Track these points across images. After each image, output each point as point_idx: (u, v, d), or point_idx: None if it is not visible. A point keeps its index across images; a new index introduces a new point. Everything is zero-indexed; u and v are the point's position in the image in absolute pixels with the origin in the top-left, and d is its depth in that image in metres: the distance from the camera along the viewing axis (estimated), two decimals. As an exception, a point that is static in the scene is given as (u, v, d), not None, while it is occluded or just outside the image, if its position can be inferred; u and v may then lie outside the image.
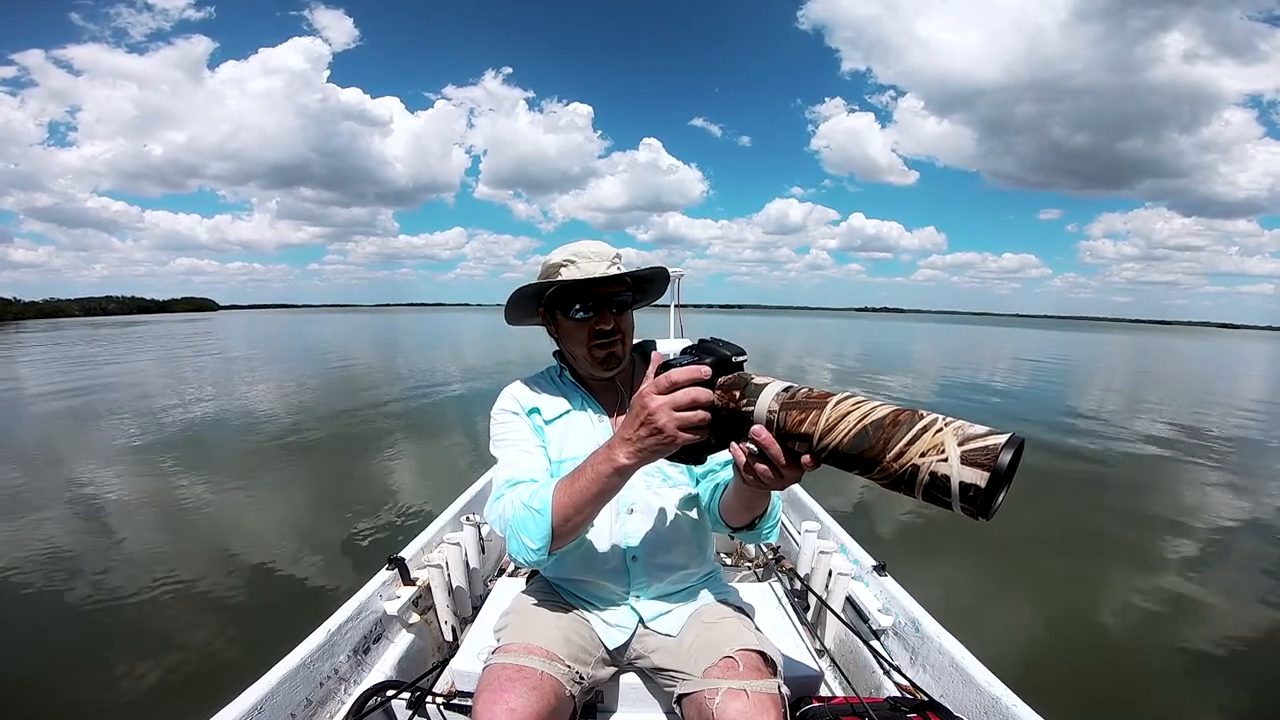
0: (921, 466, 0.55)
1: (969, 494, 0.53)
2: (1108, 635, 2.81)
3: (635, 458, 0.78)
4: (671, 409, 0.71)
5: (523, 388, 1.15)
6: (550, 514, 0.87)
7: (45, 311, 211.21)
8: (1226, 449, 6.91)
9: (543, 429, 1.10)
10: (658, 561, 1.09)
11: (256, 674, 1.10)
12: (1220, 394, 12.74)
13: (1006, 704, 1.07)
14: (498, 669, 0.90)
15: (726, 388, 0.71)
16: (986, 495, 0.52)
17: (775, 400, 0.67)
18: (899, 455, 0.57)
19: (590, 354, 1.06)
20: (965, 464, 0.53)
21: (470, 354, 19.54)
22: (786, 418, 0.65)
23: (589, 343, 1.05)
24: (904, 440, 0.57)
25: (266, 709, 1.05)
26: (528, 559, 0.91)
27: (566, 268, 1.04)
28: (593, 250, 1.05)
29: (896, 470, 0.57)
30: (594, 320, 1.04)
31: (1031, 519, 4.42)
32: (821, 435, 0.62)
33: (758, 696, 0.86)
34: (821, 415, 0.63)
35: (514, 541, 0.92)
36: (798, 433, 0.64)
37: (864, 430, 0.59)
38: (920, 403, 6.79)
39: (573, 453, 1.05)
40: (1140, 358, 26.17)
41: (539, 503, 0.89)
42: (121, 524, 4.06)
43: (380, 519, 4.09)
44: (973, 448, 0.53)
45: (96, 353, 21.13)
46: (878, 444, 0.58)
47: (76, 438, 6.91)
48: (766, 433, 0.67)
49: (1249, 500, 4.94)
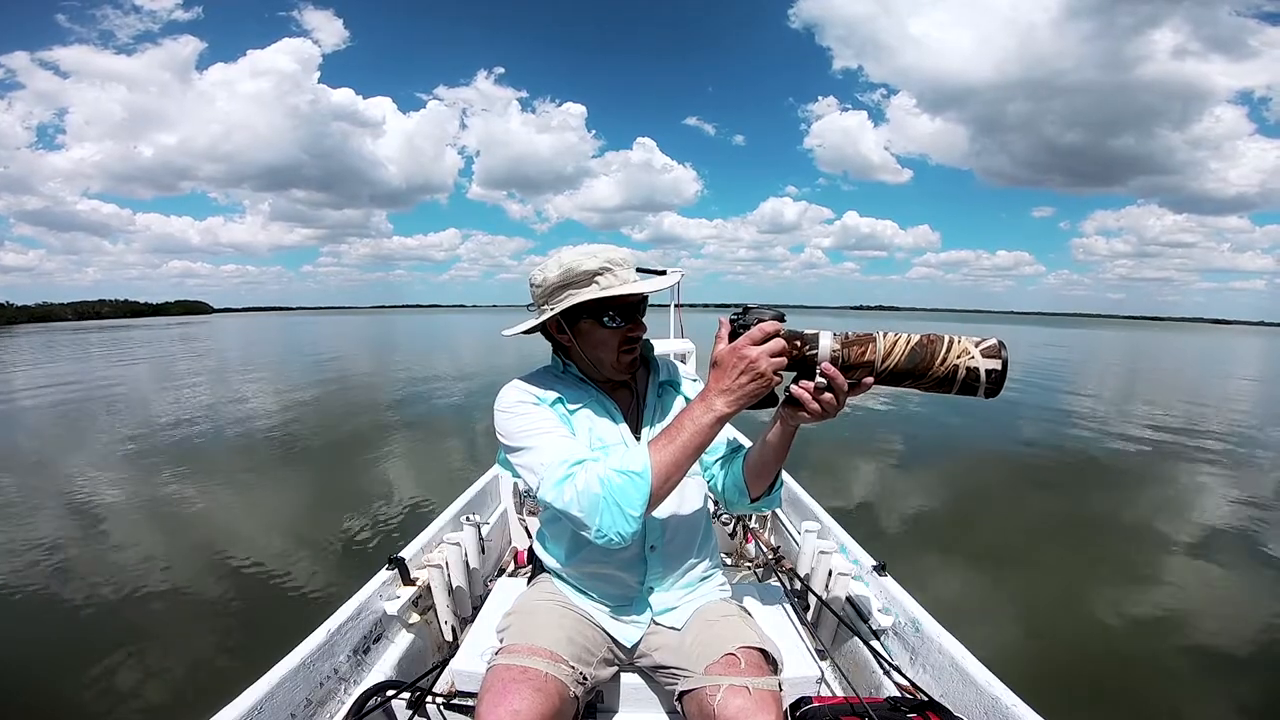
0: (960, 366, 0.78)
1: (992, 378, 0.78)
2: (1107, 634, 2.82)
3: (735, 404, 0.85)
4: (769, 355, 0.83)
5: (532, 381, 1.10)
6: (650, 476, 0.86)
7: (37, 315, 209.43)
8: (1223, 445, 6.94)
9: (568, 417, 1.06)
10: (673, 550, 1.11)
11: (257, 674, 1.09)
12: (1214, 388, 12.79)
13: (1006, 704, 1.07)
14: (501, 670, 0.90)
15: (788, 338, 0.86)
16: (1002, 376, 0.78)
17: (835, 340, 0.84)
18: (943, 362, 0.79)
19: (619, 359, 1.07)
20: (986, 356, 0.78)
21: (468, 355, 19.52)
22: (849, 353, 0.83)
23: (620, 349, 1.06)
24: (944, 352, 0.79)
25: (266, 709, 1.05)
26: (622, 530, 0.87)
27: (604, 275, 1.01)
28: (620, 257, 1.04)
29: (942, 373, 0.79)
30: (628, 328, 1.05)
31: (1031, 518, 4.45)
32: (882, 359, 0.82)
33: (759, 694, 0.87)
34: (878, 346, 0.82)
35: (608, 514, 0.86)
36: (861, 362, 0.83)
37: (914, 350, 0.80)
38: (915, 401, 6.79)
39: (601, 439, 1.06)
40: (1135, 354, 26.24)
41: (638, 465, 0.86)
42: (122, 526, 4.04)
43: (380, 519, 4.09)
44: (985, 347, 0.78)
45: (93, 355, 21.03)
46: (926, 358, 0.80)
47: (75, 442, 6.88)
48: (833, 368, 0.83)
49: (1247, 496, 4.97)
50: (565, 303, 1.00)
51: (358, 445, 6.36)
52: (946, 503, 4.74)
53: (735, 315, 0.89)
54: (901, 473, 5.58)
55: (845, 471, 5.48)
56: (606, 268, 1.02)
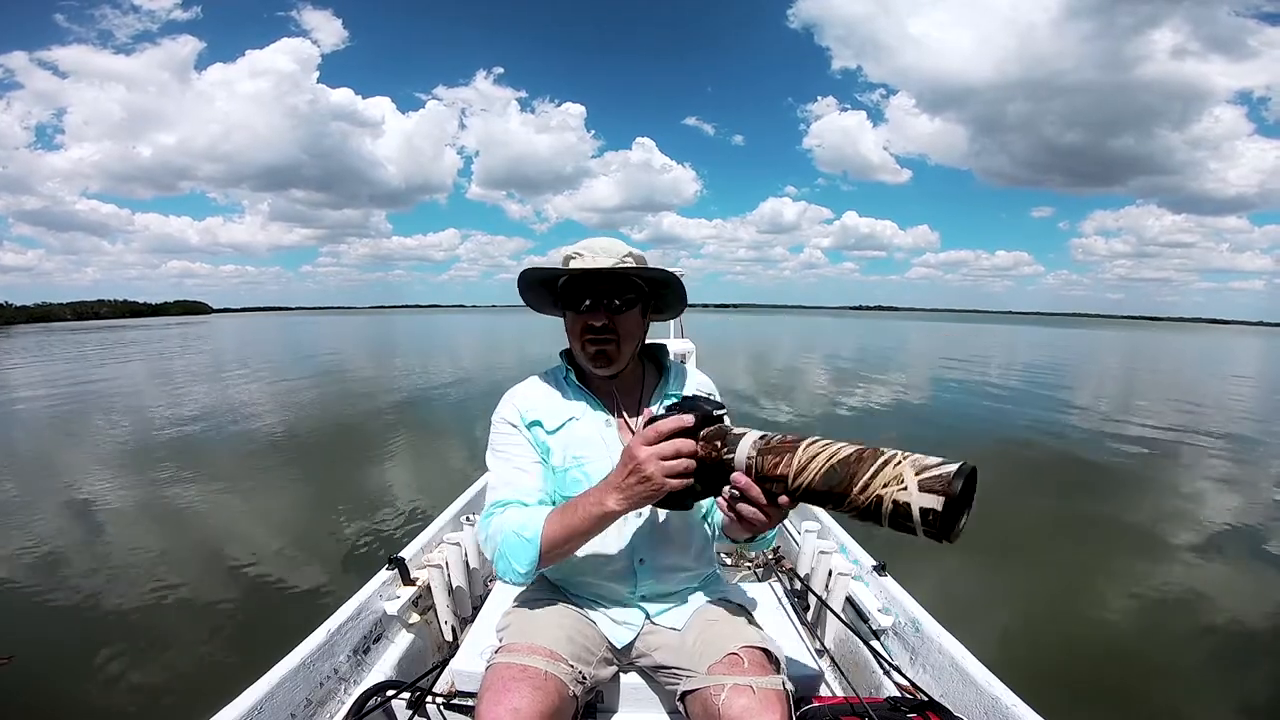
0: (885, 497, 0.62)
1: (929, 518, 0.59)
2: (1107, 634, 2.82)
3: (624, 504, 0.83)
4: (658, 459, 0.77)
5: (526, 394, 1.13)
6: (539, 544, 0.92)
7: (36, 315, 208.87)
8: (1221, 443, 6.96)
9: (545, 441, 1.08)
10: (664, 564, 1.09)
11: (257, 674, 1.09)
12: (1214, 388, 12.80)
13: (1006, 704, 1.07)
14: (501, 669, 0.90)
15: (709, 438, 0.78)
16: (945, 518, 0.58)
17: (753, 447, 0.73)
18: (864, 488, 0.63)
19: (583, 348, 1.06)
20: (923, 491, 0.59)
21: (467, 355, 19.52)
22: (764, 462, 0.72)
23: (582, 336, 1.05)
24: (868, 475, 0.63)
25: (266, 709, 1.05)
26: (513, 580, 0.96)
27: (575, 259, 1.03)
28: (602, 245, 1.04)
29: (863, 502, 0.63)
30: (584, 315, 1.03)
31: (1031, 518, 4.44)
32: (795, 476, 0.69)
33: (763, 693, 0.86)
34: (794, 458, 0.69)
35: (501, 563, 0.96)
36: (774, 475, 0.71)
37: (832, 469, 0.66)
38: (916, 401, 6.80)
39: (579, 456, 1.05)
40: (1134, 354, 26.27)
41: (530, 532, 0.93)
42: (120, 526, 4.04)
43: (380, 519, 4.09)
44: (928, 476, 0.60)
45: (90, 356, 21.02)
46: (845, 480, 0.65)
47: (74, 443, 6.88)
48: (745, 478, 0.73)
49: (1245, 494, 4.98)
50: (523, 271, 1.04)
51: (358, 445, 6.36)
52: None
53: (674, 403, 0.85)
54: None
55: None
56: (580, 253, 1.03)
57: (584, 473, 1.04)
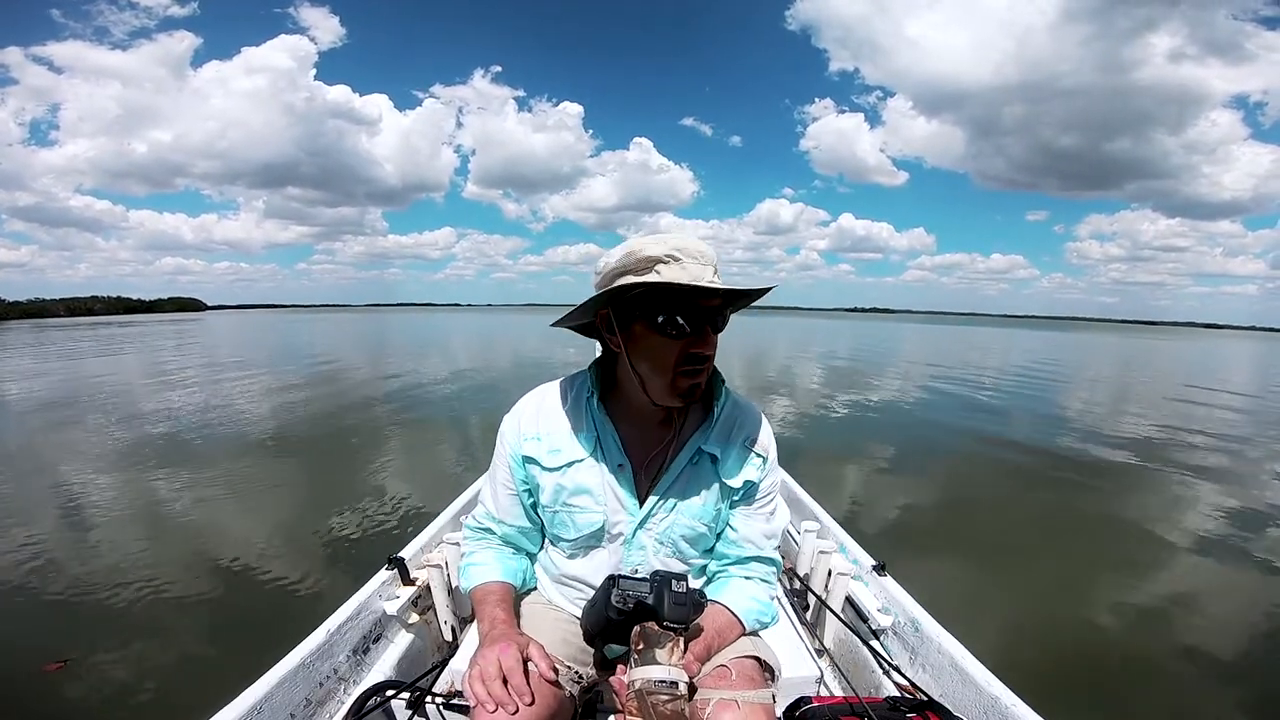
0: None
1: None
2: (1107, 633, 2.83)
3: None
4: (481, 681, 0.79)
5: (533, 417, 1.01)
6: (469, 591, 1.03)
7: (29, 311, 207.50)
8: (1216, 446, 7.00)
9: (536, 478, 1.00)
10: None
11: (256, 674, 1.09)
12: (1207, 392, 12.88)
13: (1006, 703, 1.07)
14: (500, 669, 0.90)
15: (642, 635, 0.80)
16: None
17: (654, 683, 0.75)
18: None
19: (675, 382, 0.87)
20: None
21: (465, 355, 19.46)
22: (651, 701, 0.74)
23: (677, 367, 0.86)
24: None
25: (266, 709, 1.05)
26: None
27: (669, 265, 0.81)
28: (699, 250, 0.83)
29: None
30: (691, 340, 0.84)
31: (1030, 518, 4.47)
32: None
33: (749, 707, 0.85)
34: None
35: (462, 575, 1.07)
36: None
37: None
38: (916, 404, 6.77)
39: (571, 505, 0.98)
40: (1129, 358, 26.42)
41: (466, 579, 1.04)
42: (118, 526, 4.00)
43: (380, 519, 4.07)
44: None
45: (85, 351, 20.89)
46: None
47: (69, 441, 6.82)
48: (622, 685, 0.77)
49: (1241, 495, 5.01)
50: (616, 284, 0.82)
51: (357, 445, 6.33)
52: (946, 503, 4.76)
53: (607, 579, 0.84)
54: (901, 473, 5.59)
55: (845, 471, 5.49)
56: (674, 255, 0.81)
57: (573, 520, 0.99)
